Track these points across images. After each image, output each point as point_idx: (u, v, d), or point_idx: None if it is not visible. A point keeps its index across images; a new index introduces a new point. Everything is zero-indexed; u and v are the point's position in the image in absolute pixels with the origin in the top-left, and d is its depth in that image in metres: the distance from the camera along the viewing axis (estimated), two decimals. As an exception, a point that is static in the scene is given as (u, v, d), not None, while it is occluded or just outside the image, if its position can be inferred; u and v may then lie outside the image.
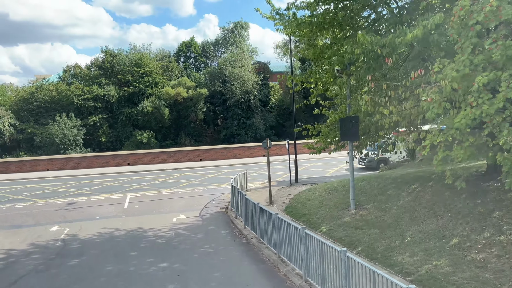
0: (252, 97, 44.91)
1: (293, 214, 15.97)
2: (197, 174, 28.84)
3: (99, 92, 41.51)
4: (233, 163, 32.49)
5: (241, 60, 46.13)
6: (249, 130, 44.64)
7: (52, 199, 22.13)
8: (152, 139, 41.44)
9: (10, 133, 38.72)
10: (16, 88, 44.19)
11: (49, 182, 27.64)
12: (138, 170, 31.06)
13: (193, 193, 22.38)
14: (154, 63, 44.93)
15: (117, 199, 21.44)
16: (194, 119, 44.77)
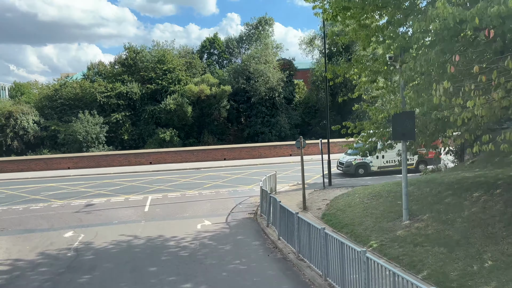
0: (277, 94, 42.73)
1: (333, 224, 13.77)
2: (221, 174, 26.93)
3: (122, 89, 40.19)
4: (258, 162, 30.45)
5: (265, 57, 44.00)
6: (273, 128, 42.49)
7: (71, 199, 20.62)
8: (175, 137, 39.84)
9: (34, 130, 37.84)
10: (41, 86, 43.44)
11: (69, 181, 26.27)
12: (160, 170, 29.41)
13: (218, 195, 20.45)
14: (177, 59, 43.33)
15: (137, 201, 19.72)
16: (217, 117, 42.95)
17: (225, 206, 18.21)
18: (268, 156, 32.57)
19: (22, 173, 29.28)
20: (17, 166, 29.79)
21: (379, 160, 23.80)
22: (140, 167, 30.61)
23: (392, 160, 23.68)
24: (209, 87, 41.52)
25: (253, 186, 22.53)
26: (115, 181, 25.66)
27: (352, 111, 45.97)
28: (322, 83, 43.93)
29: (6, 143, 37.00)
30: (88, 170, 29.63)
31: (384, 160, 23.67)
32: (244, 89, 43.10)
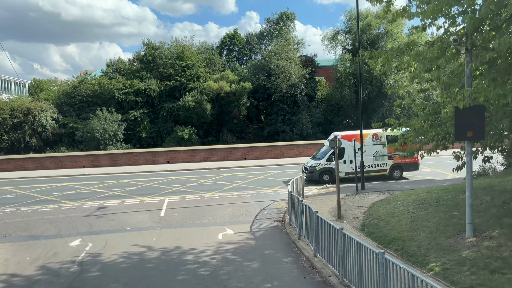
0: (298, 92, 40.44)
1: (376, 237, 11.57)
2: (242, 175, 24.93)
3: (140, 86, 38.63)
4: (280, 162, 28.34)
5: (287, 52, 41.76)
6: (294, 126, 40.24)
7: (83, 201, 18.98)
8: (194, 136, 38.07)
9: (53, 127, 36.66)
10: (60, 83, 42.35)
11: (83, 180, 24.73)
12: (178, 169, 27.64)
13: (239, 199, 18.46)
14: (196, 56, 41.52)
15: (153, 204, 17.91)
16: (236, 115, 40.98)
17: (248, 211, 16.20)
18: (291, 155, 30.42)
19: (37, 171, 27.95)
20: (32, 164, 28.51)
21: (346, 166, 20.94)
22: (157, 166, 28.94)
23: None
24: (228, 84, 39.58)
25: (277, 188, 20.47)
26: (130, 181, 24.00)
27: (377, 109, 43.46)
28: (346, 80, 41.52)
29: (24, 140, 35.94)
30: (103, 169, 28.11)
31: (352, 165, 20.33)
32: (264, 86, 40.99)
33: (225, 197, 18.94)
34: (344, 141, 20.75)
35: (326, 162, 21.28)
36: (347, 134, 21.42)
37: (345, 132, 22.77)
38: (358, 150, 19.89)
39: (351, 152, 20.43)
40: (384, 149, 21.15)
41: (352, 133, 21.64)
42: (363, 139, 20.37)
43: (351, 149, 20.50)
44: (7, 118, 35.96)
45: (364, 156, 20.26)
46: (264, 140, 40.35)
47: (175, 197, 19.12)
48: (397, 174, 21.54)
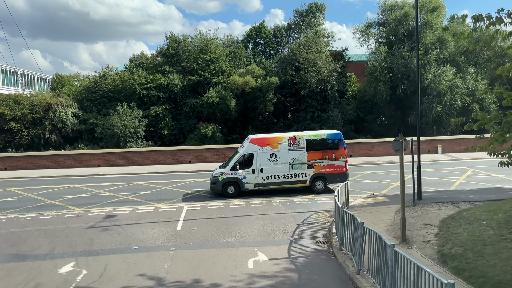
0: (329, 87, 36.66)
1: (470, 279, 7.94)
2: (271, 177, 21.53)
3: (163, 80, 35.85)
4: (313, 164, 24.78)
5: (317, 45, 38.04)
6: (324, 124, 36.47)
7: (90, 207, 16.12)
8: (217, 133, 34.99)
9: (73, 123, 34.40)
10: (82, 78, 40.18)
11: (95, 181, 21.92)
12: (199, 170, 24.53)
13: (270, 208, 15.12)
14: (221, 49, 38.39)
15: (169, 213, 14.82)
16: (262, 112, 37.63)
17: (282, 226, 12.84)
18: (324, 156, 26.76)
19: (48, 170, 25.43)
20: (44, 162, 26.08)
21: (255, 176, 16.84)
22: (177, 166, 25.95)
23: (275, 175, 16.79)
24: (254, 78, 36.24)
25: (313, 196, 16.99)
26: (147, 183, 21.04)
27: (413, 106, 39.10)
28: (381, 74, 37.36)
29: (44, 136, 33.82)
30: (119, 169, 25.31)
31: (263, 176, 16.77)
32: (292, 81, 37.44)
33: (253, 205, 15.64)
34: (254, 146, 16.94)
35: (230, 171, 16.90)
36: (259, 138, 17.50)
37: (259, 135, 18.84)
38: (271, 157, 16.62)
39: (262, 159, 16.74)
40: (303, 156, 17.04)
41: (267, 136, 17.82)
42: (276, 143, 16.91)
43: (262, 155, 16.79)
44: (27, 114, 33.93)
45: (278, 164, 16.77)
46: (292, 139, 36.79)
47: (195, 204, 15.98)
48: (319, 186, 17.31)
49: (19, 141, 33.52)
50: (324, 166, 17.19)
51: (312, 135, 17.44)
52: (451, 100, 36.17)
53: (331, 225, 12.85)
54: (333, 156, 17.21)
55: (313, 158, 17.11)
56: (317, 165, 17.20)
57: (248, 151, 16.98)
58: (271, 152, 16.79)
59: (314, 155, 17.08)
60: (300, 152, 17.08)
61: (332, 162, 17.24)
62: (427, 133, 35.78)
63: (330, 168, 17.26)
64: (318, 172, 17.24)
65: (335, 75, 37.19)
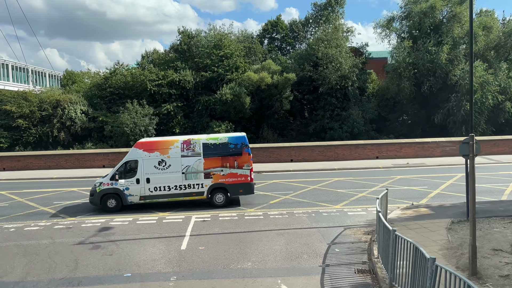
0: (350, 84, 33.76)
1: None
2: (291, 182, 18.91)
3: (174, 77, 33.54)
4: (336, 166, 21.98)
5: (336, 40, 35.19)
6: (344, 123, 33.64)
7: (85, 216, 13.80)
8: (231, 132, 32.58)
9: (82, 121, 32.43)
10: (93, 74, 38.25)
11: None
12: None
13: (293, 221, 12.52)
14: (235, 44, 35.88)
15: (174, 225, 12.36)
16: (278, 110, 34.95)
17: (309, 246, 10.24)
18: (347, 157, 23.97)
19: (48, 171, 23.15)
20: (45, 162, 23.93)
21: (140, 187, 13.92)
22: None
23: (165, 186, 13.93)
24: (270, 75, 33.63)
25: (342, 205, 14.32)
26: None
27: (440, 104, 35.83)
28: (405, 71, 34.24)
29: (52, 134, 31.95)
30: None
31: (150, 187, 13.90)
32: (310, 77, 34.68)
33: (272, 216, 13.06)
34: (139, 151, 14.03)
35: (110, 181, 13.96)
36: (146, 141, 14.58)
37: (148, 138, 15.76)
38: (160, 165, 13.65)
39: (149, 167, 13.85)
40: (199, 163, 14.10)
41: (156, 139, 14.81)
42: (166, 148, 13.80)
43: (148, 162, 13.88)
44: (35, 111, 32.11)
45: (168, 173, 13.77)
46: (309, 139, 34.14)
47: (205, 214, 13.50)
48: (219, 199, 14.37)
49: (27, 139, 31.72)
50: (224, 176, 14.19)
51: (211, 139, 14.44)
52: (481, 97, 32.83)
53: (370, 245, 10.20)
54: (236, 163, 14.18)
55: (211, 166, 14.13)
56: (216, 174, 14.20)
57: (132, 157, 14.03)
58: (159, 158, 13.88)
59: (212, 162, 14.08)
60: (195, 158, 14.06)
61: (234, 170, 14.20)
62: (454, 133, 32.57)
63: (231, 177, 14.21)
64: (217, 183, 14.21)
65: (356, 71, 34.29)
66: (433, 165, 21.61)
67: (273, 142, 33.59)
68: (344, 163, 22.74)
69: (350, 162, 22.82)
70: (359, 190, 16.48)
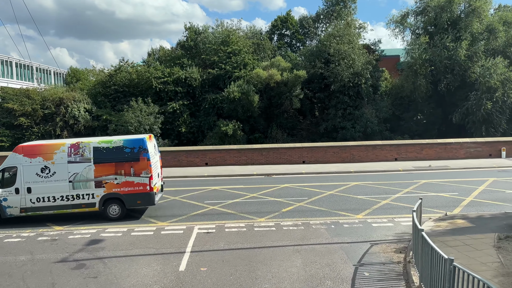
0: (363, 81, 31.74)
1: None
2: (304, 187, 17.04)
3: (181, 74, 31.85)
4: (352, 169, 20.06)
5: (348, 36, 33.20)
6: (357, 122, 31.64)
7: (76, 224, 12.12)
8: (239, 131, 30.79)
9: (85, 119, 30.94)
10: (98, 72, 36.77)
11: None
12: (217, 174, 20.26)
13: (310, 234, 10.66)
14: (244, 40, 34.09)
15: (173, 238, 10.59)
16: (288, 108, 33.12)
17: (333, 268, 8.38)
18: (363, 159, 22.01)
19: None
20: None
21: (20, 197, 11.91)
22: (192, 169, 21.76)
23: (49, 196, 11.91)
24: (279, 72, 31.79)
25: (364, 214, 12.42)
26: (155, 190, 16.98)
27: (458, 103, 33.60)
28: (422, 68, 32.10)
29: (55, 133, 30.47)
30: None
31: (31, 197, 11.89)
32: (321, 74, 32.77)
33: (285, 228, 11.23)
34: (18, 157, 12.02)
35: None
36: (27, 145, 12.54)
37: (30, 142, 13.69)
38: (43, 172, 11.63)
39: (30, 175, 11.89)
40: (89, 170, 12.13)
41: (38, 143, 12.78)
42: (50, 153, 11.70)
43: (29, 169, 11.90)
44: (38, 109, 30.65)
45: (53, 181, 11.75)
46: (319, 138, 32.22)
47: (209, 225, 11.71)
48: (114, 211, 12.35)
49: (29, 138, 30.25)
50: (119, 184, 12.25)
51: (103, 142, 12.46)
52: (503, 96, 30.59)
53: (406, 268, 8.34)
54: (132, 170, 12.21)
55: (103, 173, 12.22)
56: (109, 182, 12.28)
57: (10, 163, 12.08)
58: (42, 164, 11.90)
59: (105, 169, 12.11)
60: (84, 165, 12.08)
61: (131, 178, 12.22)
62: (474, 133, 30.37)
63: (127, 186, 12.26)
64: (110, 192, 12.23)
65: (370, 68, 32.26)
66: (458, 168, 19.55)
67: (282, 142, 31.73)
68: (360, 165, 20.78)
69: (367, 164, 20.85)
70: (381, 196, 14.55)
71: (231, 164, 22.51)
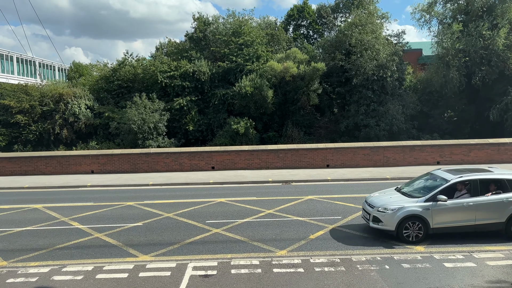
0: (389, 74, 27.55)
1: None
2: (333, 200, 13.08)
3: (188, 67, 28.24)
4: (388, 174, 16.01)
5: (371, 25, 29.05)
6: (381, 120, 27.48)
7: (24, 258, 8.54)
8: (251, 130, 27.02)
9: (86, 117, 27.67)
10: (103, 66, 33.50)
11: (74, 199, 14.02)
12: (225, 181, 16.40)
13: (353, 280, 6.83)
14: (257, 31, 30.28)
15: (155, 286, 6.92)
16: (304, 104, 29.17)
17: None
18: (400, 163, 17.90)
19: (21, 178, 17.97)
20: (20, 166, 18.73)
21: None
22: (196, 174, 18.00)
23: None
24: (296, 64, 27.86)
25: (427, 246, 8.49)
26: (144, 204, 13.26)
27: (495, 98, 29.13)
28: (454, 59, 27.68)
29: (54, 132, 27.32)
30: (117, 177, 17.44)
31: None
32: (341, 67, 28.70)
33: (318, 269, 7.42)
34: None
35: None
36: None
37: None
38: None
39: None
40: None
41: None
42: None
43: None
44: (36, 106, 27.52)
45: None
46: (339, 137, 28.23)
47: (208, 261, 7.99)
48: None
49: (26, 136, 27.20)
50: None
51: None
52: None
53: None
54: None
55: None
56: None
57: None
58: None
59: None
60: None
61: None
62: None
63: None
64: None
65: (396, 59, 28.04)
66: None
67: (298, 141, 27.86)
68: (397, 170, 16.73)
69: (404, 169, 16.78)
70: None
71: (242, 168, 18.68)
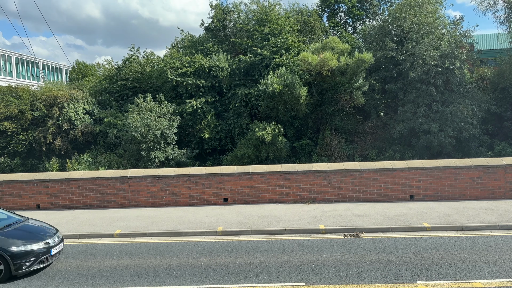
0: (457, 65, 21.05)
1: None
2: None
3: (203, 62, 22.72)
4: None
5: (429, 5, 22.68)
6: (447, 124, 20.93)
7: None
8: (279, 137, 21.06)
9: (84, 123, 22.66)
10: (108, 66, 28.61)
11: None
12: (243, 230, 9.83)
13: None
14: (285, 18, 24.51)
15: None
16: (346, 106, 23.03)
17: None
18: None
19: None
20: None
21: None
22: (196, 212, 11.41)
23: None
24: (335, 56, 21.81)
25: None
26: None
27: None
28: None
29: (46, 141, 22.42)
30: (67, 217, 11.09)
31: None
32: (392, 58, 22.41)
33: None
34: None
35: None
36: None
37: None
38: None
39: None
40: None
41: None
42: None
43: None
44: (26, 111, 22.72)
45: None
46: (389, 146, 22.01)
47: None
48: None
49: (14, 147, 22.47)
50: None
51: None
52: None
53: None
54: None
55: None
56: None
57: None
58: None
59: None
60: None
61: None
62: None
63: None
64: None
65: (467, 47, 21.46)
66: None
67: (339, 151, 21.83)
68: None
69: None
70: None
71: (272, 201, 12.12)
